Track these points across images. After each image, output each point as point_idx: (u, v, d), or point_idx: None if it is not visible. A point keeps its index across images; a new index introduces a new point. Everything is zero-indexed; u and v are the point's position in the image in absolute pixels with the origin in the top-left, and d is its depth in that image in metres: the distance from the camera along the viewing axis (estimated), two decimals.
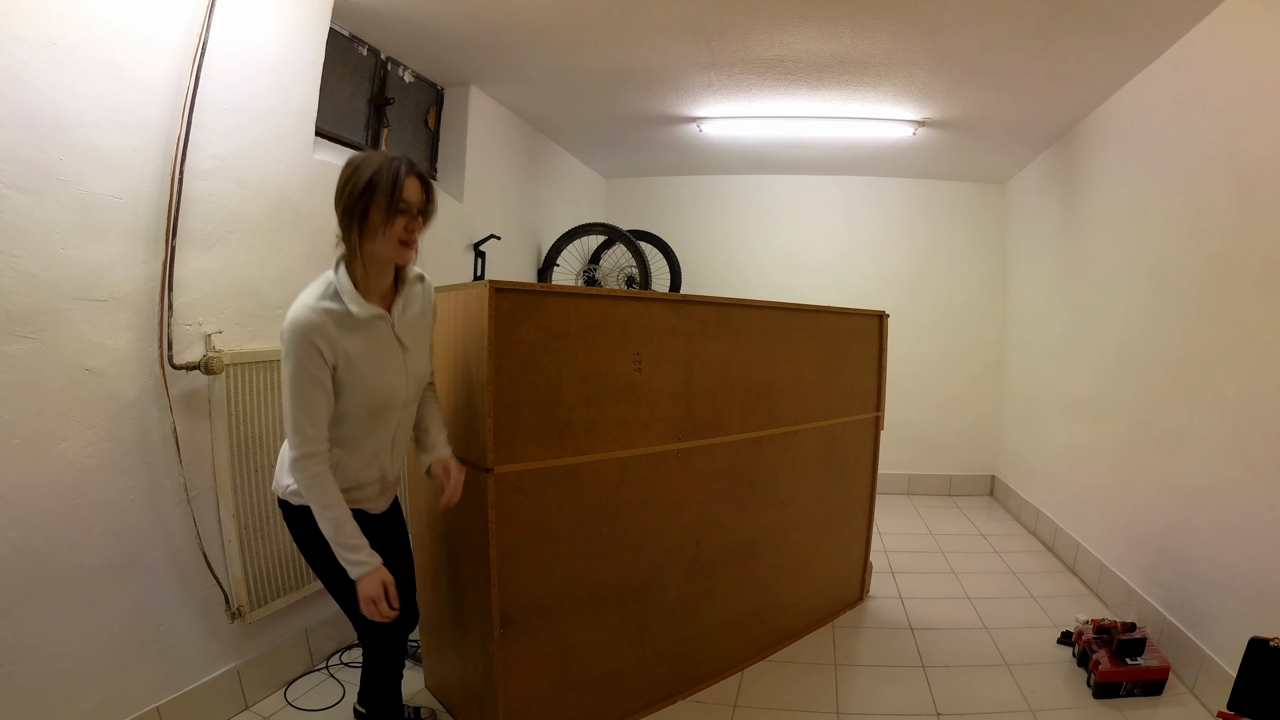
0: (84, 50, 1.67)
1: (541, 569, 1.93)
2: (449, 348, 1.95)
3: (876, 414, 3.12)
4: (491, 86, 3.55)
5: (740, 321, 2.41)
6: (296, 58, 2.33)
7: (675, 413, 2.20)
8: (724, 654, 2.49)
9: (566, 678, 2.03)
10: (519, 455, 1.85)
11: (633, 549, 2.14)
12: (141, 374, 1.87)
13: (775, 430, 2.57)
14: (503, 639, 1.86)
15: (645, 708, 2.24)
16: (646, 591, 2.19)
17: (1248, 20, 2.26)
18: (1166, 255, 2.78)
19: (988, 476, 5.21)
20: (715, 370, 2.32)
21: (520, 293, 1.82)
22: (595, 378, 1.98)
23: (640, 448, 2.11)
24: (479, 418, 1.81)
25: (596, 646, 2.09)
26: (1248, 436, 2.20)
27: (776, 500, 2.63)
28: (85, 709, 1.74)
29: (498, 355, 1.77)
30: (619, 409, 2.05)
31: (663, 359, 2.15)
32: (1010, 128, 3.86)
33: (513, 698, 1.91)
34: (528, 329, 1.83)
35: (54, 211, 1.64)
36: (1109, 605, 3.00)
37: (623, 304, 2.06)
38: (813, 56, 3.02)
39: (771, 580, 2.65)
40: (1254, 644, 1.78)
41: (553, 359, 1.89)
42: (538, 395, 1.87)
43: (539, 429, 1.88)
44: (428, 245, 3.21)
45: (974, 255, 5.17)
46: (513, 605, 1.87)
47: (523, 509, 1.87)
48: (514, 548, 1.86)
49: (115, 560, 1.82)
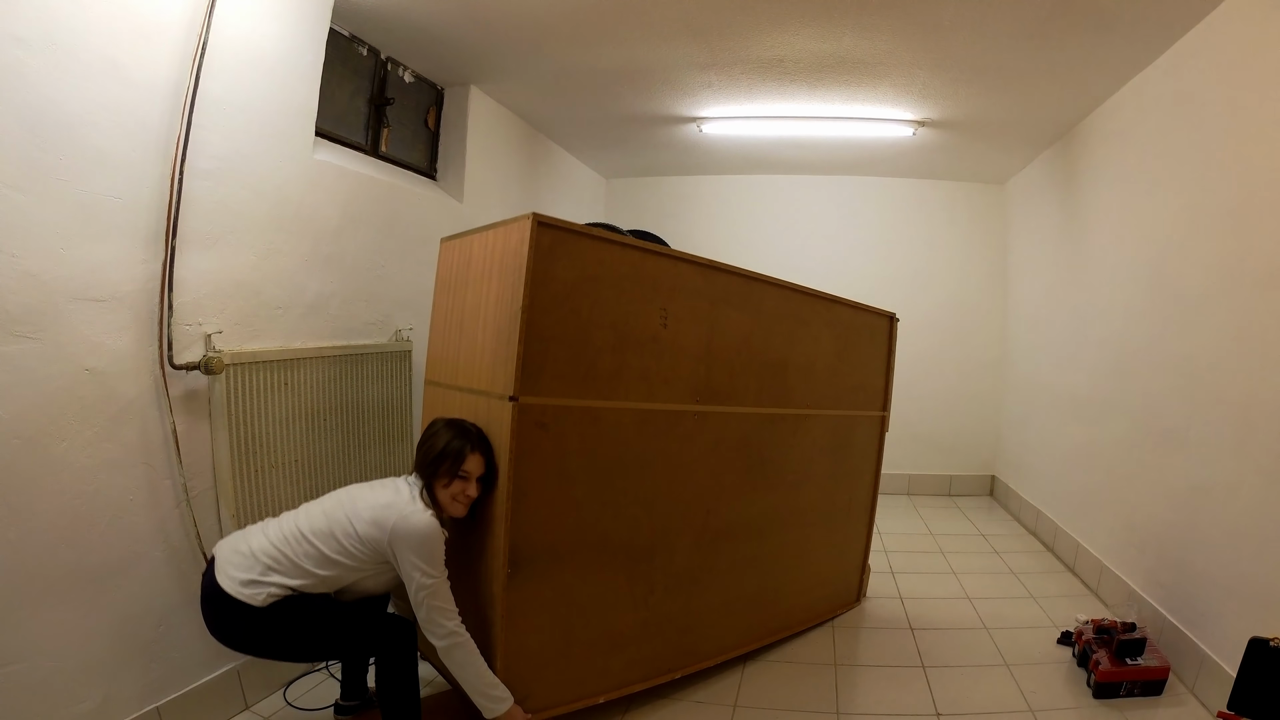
0: (84, 50, 1.67)
1: (555, 511, 1.93)
2: (487, 283, 1.97)
3: (883, 414, 3.13)
4: (491, 86, 3.55)
5: (761, 296, 2.45)
6: (296, 58, 2.33)
7: (695, 374, 2.22)
8: (724, 635, 2.48)
9: (568, 634, 2.01)
10: (544, 390, 1.86)
11: (645, 507, 2.14)
12: (141, 374, 1.87)
13: (788, 410, 2.59)
14: (509, 581, 1.84)
15: (643, 680, 2.21)
16: (655, 554, 2.19)
17: (1248, 20, 2.26)
18: (1166, 255, 2.78)
19: (988, 476, 5.21)
20: (735, 340, 2.35)
21: (561, 230, 1.85)
22: (623, 326, 2.01)
23: (660, 403, 2.13)
24: (508, 348, 1.82)
25: (601, 605, 2.07)
26: (1248, 436, 2.20)
27: (785, 482, 2.64)
28: (85, 709, 1.74)
29: (533, 287, 1.79)
30: (643, 360, 2.07)
31: (686, 319, 2.18)
32: (1010, 128, 3.86)
33: (513, 646, 1.88)
34: (563, 267, 1.86)
35: (54, 211, 1.64)
36: (1109, 605, 3.00)
37: (653, 259, 2.10)
38: (813, 56, 3.02)
39: (774, 565, 2.65)
40: (1254, 644, 1.78)
41: (584, 300, 1.91)
42: (567, 333, 1.89)
43: (565, 367, 1.90)
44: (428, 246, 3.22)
45: (974, 255, 5.17)
46: (523, 546, 1.86)
47: (542, 444, 1.88)
48: (530, 483, 1.86)
49: (115, 560, 1.82)
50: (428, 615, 1.77)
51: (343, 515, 1.80)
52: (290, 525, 1.80)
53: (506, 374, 1.83)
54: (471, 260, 2.10)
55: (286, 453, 2.29)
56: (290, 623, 1.73)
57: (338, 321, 2.61)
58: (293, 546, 1.76)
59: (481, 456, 1.86)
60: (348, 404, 2.57)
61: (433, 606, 1.77)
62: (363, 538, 1.77)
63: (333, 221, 2.57)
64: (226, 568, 1.72)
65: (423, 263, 3.13)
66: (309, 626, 1.76)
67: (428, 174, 3.48)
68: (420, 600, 1.76)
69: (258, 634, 1.72)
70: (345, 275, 2.64)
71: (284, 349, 2.30)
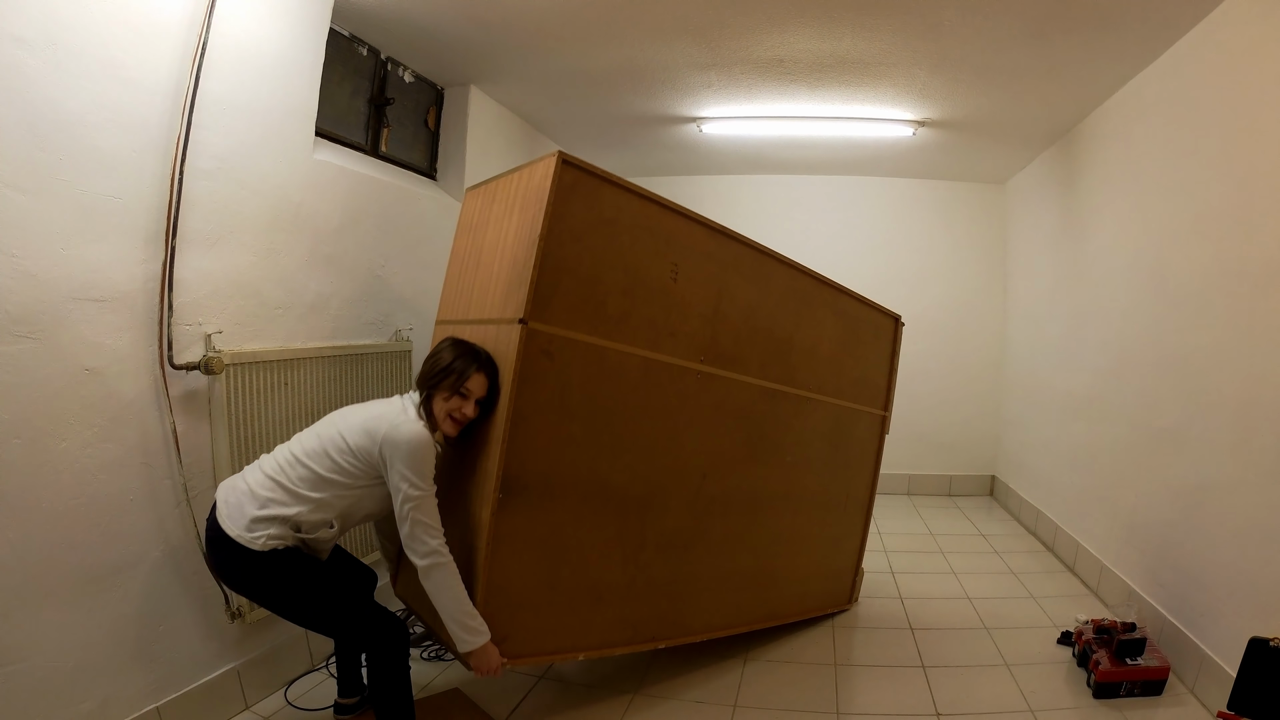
0: (84, 50, 1.67)
1: (552, 444, 1.92)
2: (508, 219, 2.00)
3: (884, 414, 3.13)
4: (491, 86, 3.55)
5: (770, 272, 2.47)
6: (296, 58, 2.33)
7: (701, 334, 2.24)
8: (712, 612, 2.47)
9: (554, 577, 1.98)
10: (553, 319, 1.87)
11: (642, 456, 2.14)
12: (141, 374, 1.87)
13: (790, 389, 2.60)
14: (499, 507, 1.82)
15: (626, 643, 2.19)
16: (648, 508, 2.18)
17: (1248, 20, 2.26)
18: (1166, 255, 2.78)
19: (988, 476, 5.21)
20: (742, 308, 2.37)
21: (583, 170, 1.90)
22: (634, 272, 2.04)
23: (665, 355, 2.14)
24: (523, 273, 1.84)
25: (590, 552, 2.05)
26: (1248, 436, 2.20)
27: (783, 461, 2.64)
28: (85, 709, 1.74)
29: (552, 219, 1.83)
30: (651, 309, 2.09)
31: (696, 279, 2.21)
32: (1010, 128, 3.86)
33: (496, 580, 1.85)
34: (582, 205, 1.90)
35: (54, 211, 1.64)
36: (1109, 605, 3.00)
37: (669, 215, 2.13)
38: (813, 56, 3.02)
39: (767, 547, 2.65)
40: (1254, 644, 1.78)
41: (599, 240, 1.95)
42: (580, 269, 1.92)
43: (575, 300, 1.92)
44: (428, 246, 3.22)
45: (974, 255, 5.17)
46: (517, 473, 1.85)
47: (546, 373, 1.88)
48: (530, 410, 1.86)
49: (115, 560, 1.82)
50: (411, 530, 1.73)
51: (334, 431, 1.80)
52: (284, 453, 1.82)
53: (518, 299, 1.84)
54: (495, 200, 2.14)
55: None
56: (285, 574, 1.73)
57: (338, 321, 2.61)
58: (287, 473, 1.76)
59: (485, 378, 1.85)
60: (348, 404, 2.56)
61: (417, 520, 1.73)
62: (354, 449, 1.76)
63: (333, 221, 2.57)
64: (226, 509, 1.73)
65: (423, 263, 3.13)
66: (303, 583, 1.76)
67: (428, 174, 3.48)
68: (405, 514, 1.73)
69: (254, 578, 1.73)
70: (345, 275, 2.64)
71: (284, 349, 2.30)
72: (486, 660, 1.81)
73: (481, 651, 1.80)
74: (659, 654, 2.64)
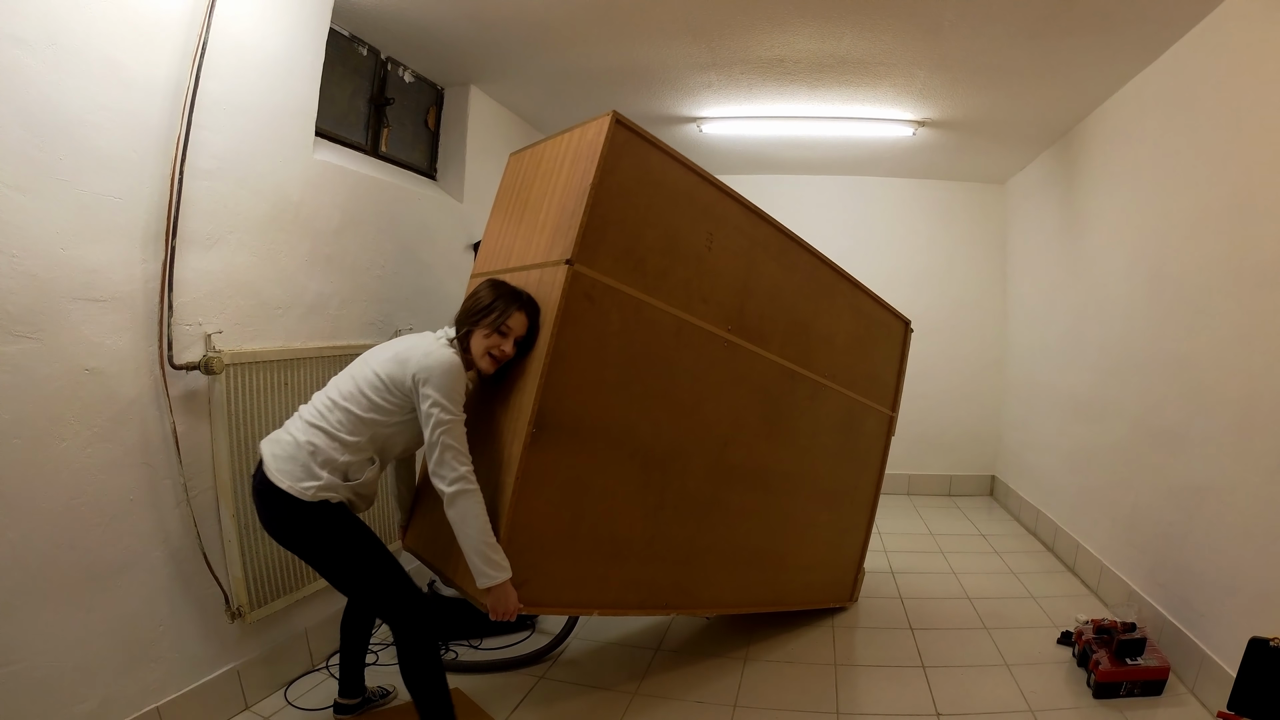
0: (84, 50, 1.67)
1: (586, 387, 1.94)
2: (557, 174, 2.05)
3: (891, 414, 3.16)
4: (491, 86, 3.55)
5: (795, 257, 2.54)
6: (296, 58, 2.33)
7: (730, 304, 2.29)
8: (721, 587, 2.48)
9: (575, 525, 1.98)
10: (597, 265, 1.91)
11: (669, 414, 2.17)
12: (141, 374, 1.87)
13: (807, 372, 2.63)
14: (532, 442, 1.82)
15: (639, 606, 2.19)
16: (670, 467, 2.20)
17: (1248, 20, 2.26)
18: (1167, 255, 2.78)
19: (988, 476, 5.21)
20: (768, 287, 2.43)
21: (634, 132, 1.97)
22: (673, 234, 2.11)
23: (697, 318, 2.19)
24: (573, 219, 1.89)
25: (612, 503, 2.06)
26: (1248, 436, 2.20)
27: (798, 444, 2.67)
28: (85, 709, 1.74)
29: (603, 172, 1.89)
30: (686, 272, 2.15)
31: (728, 251, 2.28)
32: (1010, 128, 3.86)
33: (521, 518, 1.84)
34: (630, 164, 1.97)
35: (54, 211, 1.64)
36: (1109, 605, 3.00)
37: (707, 186, 2.20)
38: (813, 56, 3.02)
39: (778, 528, 2.67)
40: (1254, 644, 1.78)
41: (643, 199, 2.02)
42: (625, 223, 1.98)
43: (619, 251, 1.97)
44: (428, 246, 3.22)
45: (974, 255, 5.17)
46: (551, 411, 1.85)
47: (586, 316, 1.91)
48: (569, 350, 1.88)
49: (115, 560, 1.82)
50: (440, 456, 1.71)
51: (367, 370, 1.82)
52: (320, 400, 1.84)
53: (566, 241, 1.88)
54: (542, 160, 2.18)
55: None
56: (333, 527, 1.75)
57: (338, 321, 2.61)
58: (326, 418, 1.78)
59: (525, 318, 1.86)
60: None
61: (447, 445, 1.71)
62: (387, 380, 1.78)
63: (333, 221, 2.57)
64: (274, 463, 1.75)
65: (423, 263, 3.13)
66: (348, 539, 1.78)
67: (428, 174, 3.48)
68: (435, 439, 1.71)
69: (302, 530, 1.75)
70: (345, 275, 2.64)
71: (284, 349, 2.30)
72: (504, 600, 1.76)
73: (500, 589, 1.75)
74: (659, 654, 2.65)
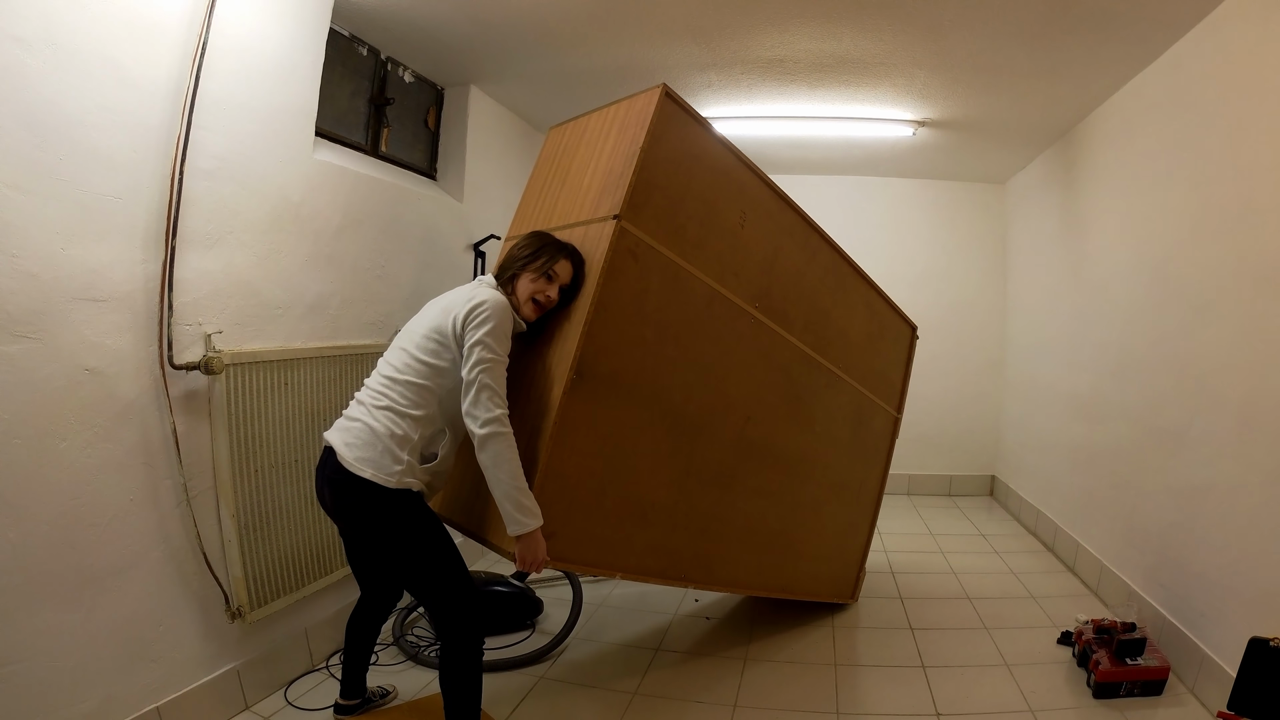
0: (84, 50, 1.67)
1: (625, 342, 1.96)
2: (603, 141, 2.11)
3: (897, 415, 3.18)
4: (491, 86, 3.55)
5: (817, 247, 2.61)
6: (296, 58, 2.33)
7: (757, 282, 2.35)
8: (736, 566, 2.49)
9: (605, 481, 1.97)
10: (641, 225, 1.95)
11: (698, 381, 2.19)
12: (141, 374, 1.87)
13: (824, 359, 2.67)
14: (571, 388, 1.81)
15: (660, 574, 2.19)
16: (697, 435, 2.22)
17: (1248, 20, 2.26)
18: (1167, 255, 2.78)
19: (988, 476, 5.21)
20: (791, 272, 2.50)
21: (680, 106, 2.05)
22: (711, 207, 2.17)
23: (729, 290, 2.24)
24: (621, 178, 1.94)
25: (642, 462, 2.07)
26: (1248, 437, 2.20)
27: (813, 430, 2.70)
28: (85, 709, 1.74)
29: (652, 140, 1.95)
30: (720, 245, 2.21)
31: (758, 231, 2.34)
32: (1010, 128, 3.86)
33: (554, 465, 1.82)
34: (675, 136, 2.04)
35: (54, 211, 1.64)
36: (1109, 605, 3.00)
37: (742, 168, 2.28)
38: (813, 56, 3.02)
39: (791, 514, 2.68)
40: (1254, 644, 1.78)
41: (685, 170, 2.09)
42: (669, 189, 2.03)
43: (662, 216, 2.02)
44: (428, 246, 3.23)
45: (974, 255, 5.17)
46: (591, 360, 1.86)
47: (629, 272, 1.94)
48: (611, 302, 1.90)
49: (115, 560, 1.82)
50: (476, 396, 1.67)
51: (414, 335, 1.82)
52: (376, 381, 1.83)
53: (615, 199, 1.92)
54: (586, 130, 2.23)
55: (286, 453, 2.29)
56: (411, 515, 1.75)
57: (338, 321, 2.61)
58: (390, 396, 1.76)
59: (570, 265, 1.88)
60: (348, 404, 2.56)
61: (484, 385, 1.68)
62: (436, 335, 1.77)
63: (333, 221, 2.57)
64: (350, 451, 1.72)
65: (423, 263, 3.13)
66: (425, 529, 1.77)
67: (428, 174, 3.48)
68: (474, 376, 1.68)
69: (379, 516, 1.73)
70: (345, 275, 2.64)
71: (284, 349, 2.30)
72: (534, 549, 1.72)
73: (531, 538, 1.71)
74: (659, 654, 2.65)
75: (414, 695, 2.30)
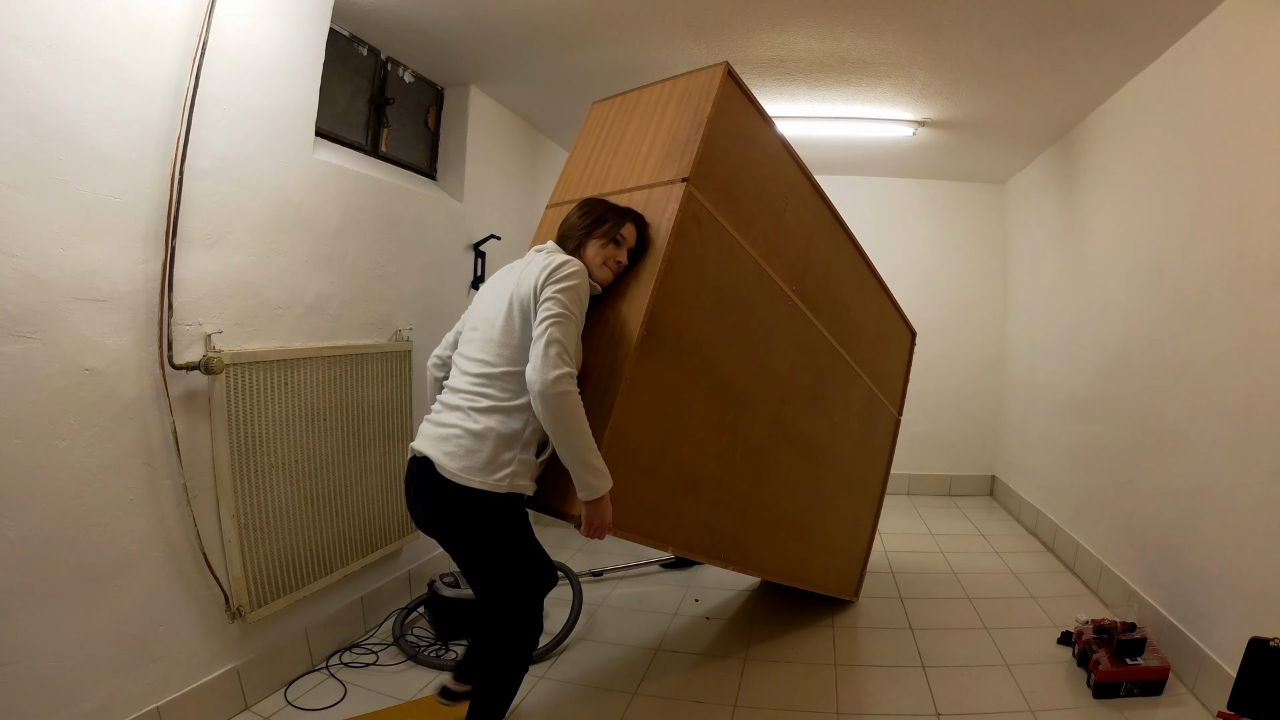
0: (84, 50, 1.67)
1: (688, 307, 1.97)
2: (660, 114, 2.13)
3: (898, 416, 3.19)
4: (491, 86, 3.55)
5: (840, 242, 2.67)
6: (296, 58, 2.33)
7: (795, 266, 2.39)
8: (765, 549, 2.49)
9: (664, 446, 1.95)
10: (706, 193, 1.98)
11: (745, 355, 2.21)
12: (141, 374, 1.87)
13: (844, 351, 2.71)
14: (641, 345, 1.78)
15: (703, 552, 2.17)
16: (742, 410, 2.23)
17: (1248, 20, 2.26)
18: (1167, 255, 2.78)
19: (988, 476, 5.21)
20: (822, 261, 2.55)
21: (739, 86, 2.11)
22: (760, 188, 2.23)
23: (774, 270, 2.28)
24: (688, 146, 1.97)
25: (695, 431, 2.06)
26: (1248, 437, 2.20)
27: (833, 420, 2.74)
28: (85, 709, 1.74)
29: (715, 115, 1.99)
30: (766, 224, 2.26)
31: (796, 220, 2.41)
32: (1010, 128, 3.86)
33: (621, 424, 1.76)
34: (734, 113, 2.08)
35: (54, 211, 1.64)
36: (1109, 605, 3.00)
37: (787, 156, 2.37)
38: (813, 56, 3.02)
39: (812, 503, 2.70)
40: (1254, 644, 1.78)
41: (740, 148, 2.13)
42: (728, 160, 2.07)
43: (721, 187, 2.05)
44: (428, 246, 3.23)
45: (974, 255, 5.17)
46: (660, 318, 1.85)
47: (693, 237, 1.95)
48: (678, 262, 1.90)
49: (115, 560, 1.82)
50: (544, 351, 1.58)
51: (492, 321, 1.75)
52: (465, 381, 1.75)
53: (682, 163, 1.94)
54: (639, 104, 2.25)
55: (286, 453, 2.29)
56: (516, 522, 1.74)
57: (338, 321, 2.61)
58: (491, 394, 1.69)
59: (635, 228, 1.87)
60: (348, 404, 2.57)
61: (554, 339, 1.59)
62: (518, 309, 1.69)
63: (333, 221, 2.57)
64: (453, 461, 1.65)
65: (423, 262, 3.13)
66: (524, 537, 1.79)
67: (428, 174, 3.48)
68: (543, 330, 1.60)
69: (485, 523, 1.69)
70: (345, 275, 2.64)
71: (284, 349, 2.30)
72: (602, 514, 1.65)
73: (600, 503, 1.64)
74: (659, 654, 2.65)
75: (414, 695, 2.30)
